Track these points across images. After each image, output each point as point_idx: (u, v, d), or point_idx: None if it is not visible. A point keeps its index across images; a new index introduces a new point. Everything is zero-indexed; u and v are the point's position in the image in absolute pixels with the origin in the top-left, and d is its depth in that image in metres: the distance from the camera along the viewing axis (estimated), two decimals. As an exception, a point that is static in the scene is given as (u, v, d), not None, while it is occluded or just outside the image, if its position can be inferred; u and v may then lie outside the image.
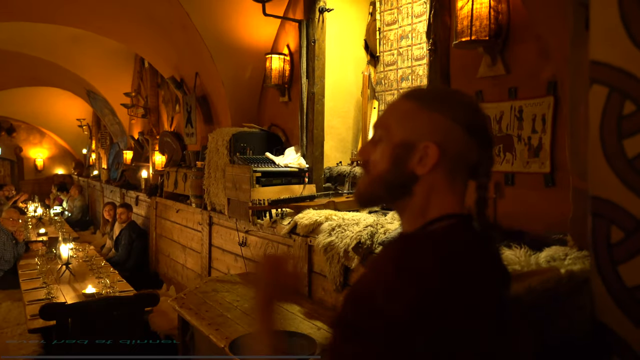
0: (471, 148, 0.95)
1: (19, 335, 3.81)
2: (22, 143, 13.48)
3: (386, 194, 1.00)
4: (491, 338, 0.88)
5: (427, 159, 0.94)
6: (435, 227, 0.94)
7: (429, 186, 0.96)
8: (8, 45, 6.76)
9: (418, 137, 0.95)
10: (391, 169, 0.97)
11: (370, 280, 0.91)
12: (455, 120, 0.94)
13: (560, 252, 1.79)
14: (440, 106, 0.96)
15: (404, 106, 1.00)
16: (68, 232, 7.00)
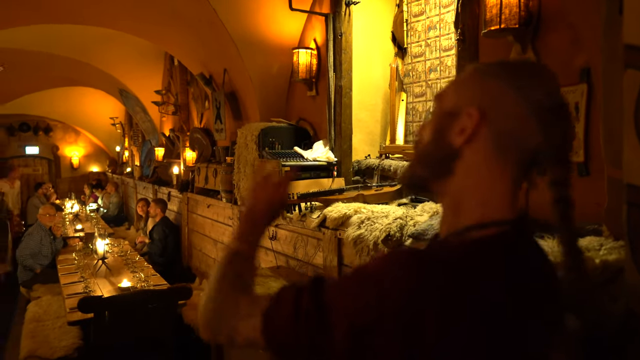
0: (530, 125, 0.77)
1: (59, 327, 3.94)
2: (58, 142, 13.88)
3: (426, 171, 0.85)
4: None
5: (467, 127, 0.78)
6: (472, 236, 0.77)
7: (472, 165, 0.79)
8: (43, 47, 6.96)
9: (465, 103, 0.80)
10: (432, 139, 0.84)
11: (376, 269, 0.75)
12: (515, 90, 0.78)
13: (595, 243, 1.75)
14: (499, 72, 0.81)
15: (464, 73, 0.86)
16: (104, 228, 7.19)
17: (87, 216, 8.88)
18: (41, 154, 13.74)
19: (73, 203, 9.66)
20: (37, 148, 13.62)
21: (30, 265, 5.42)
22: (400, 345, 0.68)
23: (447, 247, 0.78)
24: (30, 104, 11.57)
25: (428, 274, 0.70)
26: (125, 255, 5.17)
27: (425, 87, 3.53)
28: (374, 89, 3.85)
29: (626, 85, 1.02)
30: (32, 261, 5.43)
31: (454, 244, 0.77)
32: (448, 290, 0.68)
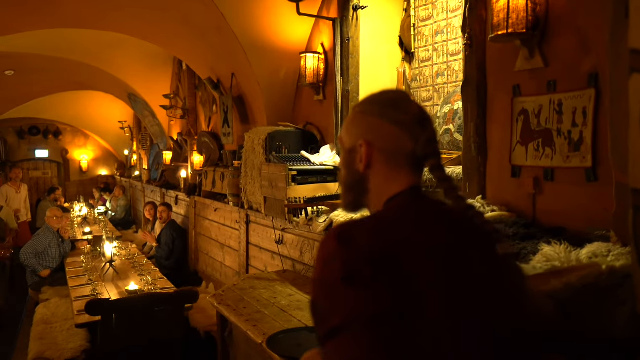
0: (403, 139, 1.05)
1: (66, 330, 3.96)
2: (67, 145, 13.98)
3: (352, 197, 1.14)
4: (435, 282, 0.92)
5: (363, 156, 1.07)
6: (384, 207, 1.05)
7: (377, 180, 1.08)
8: (53, 51, 7.01)
9: (355, 140, 1.09)
10: (346, 173, 1.13)
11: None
12: (383, 118, 1.06)
13: (603, 249, 1.74)
14: (372, 109, 1.09)
15: (349, 117, 1.15)
16: (111, 231, 7.23)
17: (95, 219, 8.93)
18: (51, 157, 13.85)
19: (81, 206, 9.73)
20: (47, 151, 13.73)
21: (32, 265, 5.42)
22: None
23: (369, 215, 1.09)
24: (41, 108, 11.67)
25: (348, 239, 0.93)
26: (133, 258, 5.19)
27: (433, 91, 3.53)
28: (381, 94, 3.85)
29: (632, 90, 1.01)
30: (34, 261, 5.44)
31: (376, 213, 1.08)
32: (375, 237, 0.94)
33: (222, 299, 3.14)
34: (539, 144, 2.35)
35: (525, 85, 2.44)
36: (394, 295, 0.87)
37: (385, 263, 0.89)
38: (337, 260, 0.90)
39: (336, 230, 0.96)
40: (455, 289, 0.93)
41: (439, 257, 0.94)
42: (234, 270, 5.08)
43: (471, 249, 1.01)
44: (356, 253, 0.90)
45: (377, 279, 0.87)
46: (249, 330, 2.60)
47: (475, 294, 0.95)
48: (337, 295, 0.89)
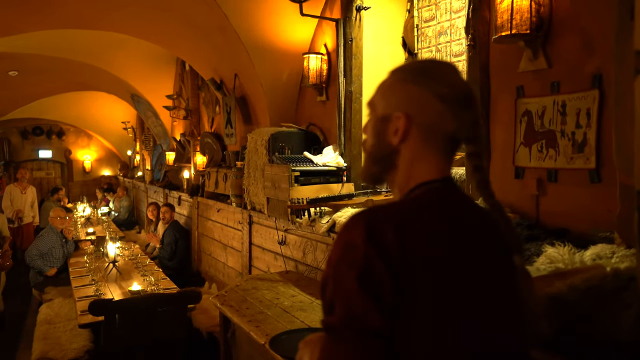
0: (445, 116, 0.97)
1: (70, 330, 3.97)
2: (71, 146, 14.02)
3: (377, 169, 1.05)
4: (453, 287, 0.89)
5: (399, 129, 0.98)
6: (410, 195, 0.98)
7: (409, 157, 0.99)
8: (57, 52, 7.04)
9: (393, 109, 0.99)
10: (375, 143, 1.03)
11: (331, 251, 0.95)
12: (428, 90, 0.97)
13: (607, 250, 1.73)
14: (415, 77, 0.99)
15: (386, 82, 1.05)
16: (115, 232, 7.24)
17: (98, 219, 8.95)
18: (54, 157, 13.89)
19: (85, 206, 9.75)
20: (50, 152, 13.77)
21: (38, 267, 5.43)
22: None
23: (397, 203, 1.00)
24: (44, 108, 11.71)
25: (376, 227, 0.88)
26: (136, 258, 5.20)
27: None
28: (384, 95, 3.85)
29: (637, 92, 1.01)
30: (40, 262, 5.45)
31: (402, 200, 1.01)
32: (400, 227, 0.88)
33: (224, 300, 3.15)
34: (542, 145, 2.35)
35: (529, 86, 2.43)
36: (400, 310, 0.85)
37: (405, 273, 0.85)
38: (359, 253, 0.85)
39: (366, 217, 0.89)
40: (464, 307, 0.89)
41: (456, 274, 0.90)
42: (237, 270, 5.08)
43: (490, 263, 0.96)
44: (380, 253, 0.85)
45: (390, 294, 0.84)
46: (252, 331, 2.60)
47: (486, 314, 0.92)
48: (348, 290, 0.85)
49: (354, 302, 0.84)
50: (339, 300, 0.86)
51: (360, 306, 0.83)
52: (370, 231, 0.86)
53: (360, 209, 0.99)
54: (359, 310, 0.83)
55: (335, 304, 0.87)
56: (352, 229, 0.89)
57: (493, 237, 1.00)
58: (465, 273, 0.91)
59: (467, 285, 0.90)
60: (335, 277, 0.89)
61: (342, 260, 0.88)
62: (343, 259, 0.88)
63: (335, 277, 0.88)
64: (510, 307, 0.97)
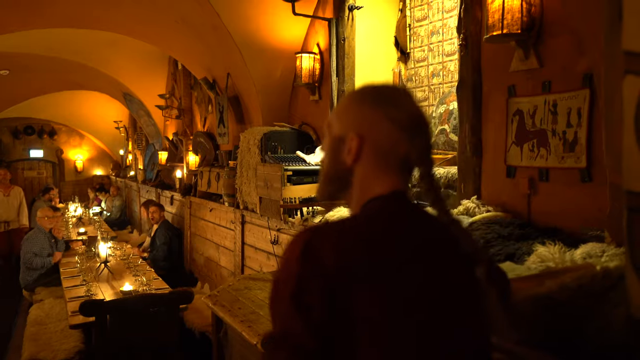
0: (398, 140, 0.98)
1: (60, 330, 3.94)
2: (62, 145, 13.93)
3: (332, 188, 1.06)
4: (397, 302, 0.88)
5: (352, 149, 0.99)
6: (361, 210, 0.99)
7: (362, 176, 1.00)
8: (48, 51, 7.00)
9: (348, 130, 1.00)
10: (329, 162, 1.05)
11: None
12: (381, 113, 0.98)
13: (597, 249, 1.74)
14: (371, 100, 1.01)
15: (343, 103, 1.07)
16: (106, 232, 7.20)
17: (90, 219, 8.90)
18: (45, 157, 13.80)
19: (76, 206, 9.69)
20: (42, 151, 13.68)
21: (39, 264, 5.35)
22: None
23: (341, 219, 1.01)
24: (36, 108, 11.63)
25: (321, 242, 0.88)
26: (128, 258, 5.17)
27: (428, 91, 3.53)
28: (376, 94, 3.85)
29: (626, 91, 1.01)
30: (39, 259, 5.40)
31: (348, 216, 1.02)
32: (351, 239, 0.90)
33: (217, 300, 3.13)
34: (533, 144, 2.36)
35: (521, 86, 2.44)
36: (333, 333, 0.84)
37: (343, 291, 0.84)
38: (293, 272, 0.87)
39: (305, 236, 0.89)
40: (409, 324, 0.88)
41: (401, 291, 0.88)
42: (229, 270, 5.07)
43: (445, 276, 0.95)
44: (314, 272, 0.85)
45: (322, 313, 0.83)
46: (244, 331, 2.59)
47: (436, 326, 0.90)
48: (282, 308, 0.87)
49: (287, 321, 0.86)
50: (276, 317, 0.90)
51: (293, 325, 0.85)
52: (306, 250, 0.87)
53: (308, 225, 1.02)
54: (292, 329, 0.85)
55: (275, 319, 0.90)
56: (293, 247, 0.90)
57: (446, 248, 0.98)
58: (410, 284, 0.89)
59: (410, 298, 0.89)
60: (273, 295, 0.91)
61: (280, 278, 0.90)
62: (280, 277, 0.90)
63: (273, 294, 0.91)
64: (466, 318, 0.95)
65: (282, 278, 0.90)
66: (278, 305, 0.89)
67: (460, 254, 0.99)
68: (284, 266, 0.90)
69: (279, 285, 0.90)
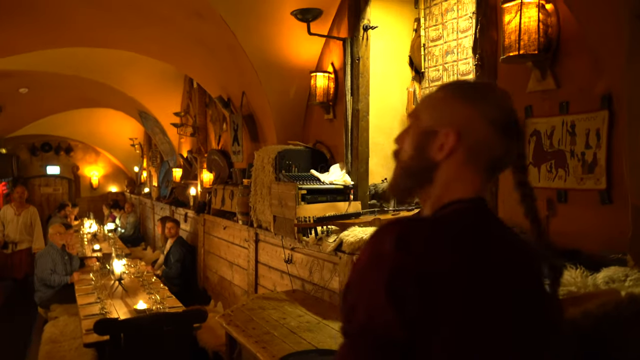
0: (495, 141, 0.95)
1: (75, 349, 3.94)
2: (78, 162, 14.09)
3: (410, 182, 1.01)
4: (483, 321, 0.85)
5: (446, 145, 0.95)
6: (443, 212, 0.94)
7: (448, 174, 0.96)
8: (67, 69, 7.12)
9: (441, 124, 0.96)
10: (414, 154, 0.99)
11: (356, 263, 0.92)
12: (481, 111, 0.95)
13: (620, 273, 1.70)
14: (469, 97, 0.97)
15: (435, 95, 1.02)
16: (121, 249, 7.23)
17: (104, 236, 8.95)
18: (62, 173, 13.95)
19: (91, 223, 9.75)
20: (58, 168, 13.84)
21: (57, 281, 5.36)
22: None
23: (430, 217, 0.97)
24: (53, 125, 11.80)
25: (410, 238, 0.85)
26: (142, 276, 5.18)
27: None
28: (391, 113, 3.85)
29: (651, 116, 1.00)
30: (57, 277, 5.42)
31: (435, 215, 0.97)
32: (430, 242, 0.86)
33: (230, 319, 3.12)
34: (551, 165, 2.33)
35: (538, 106, 2.42)
36: (421, 329, 0.82)
37: (430, 288, 0.82)
38: (388, 262, 0.83)
39: (396, 229, 0.86)
40: (487, 333, 0.85)
41: (488, 300, 0.86)
42: (243, 289, 5.05)
43: (522, 293, 0.92)
44: (409, 264, 0.82)
45: (414, 305, 0.81)
46: (258, 352, 2.57)
47: (510, 340, 0.88)
48: (373, 297, 0.83)
49: (378, 311, 0.82)
50: (362, 307, 0.85)
51: (383, 315, 0.81)
52: (401, 241, 0.84)
53: (394, 218, 0.99)
54: (381, 319, 0.82)
55: (358, 309, 0.85)
56: (383, 237, 0.87)
57: (524, 264, 0.95)
58: (487, 298, 0.87)
59: (487, 311, 0.86)
60: (361, 283, 0.87)
61: (371, 267, 0.86)
62: (371, 266, 0.86)
63: (362, 283, 0.87)
64: (538, 336, 0.92)
65: (372, 267, 0.85)
66: (365, 296, 0.85)
67: (538, 274, 0.97)
68: (375, 255, 0.86)
69: (366, 274, 0.86)
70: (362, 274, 0.87)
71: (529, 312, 0.91)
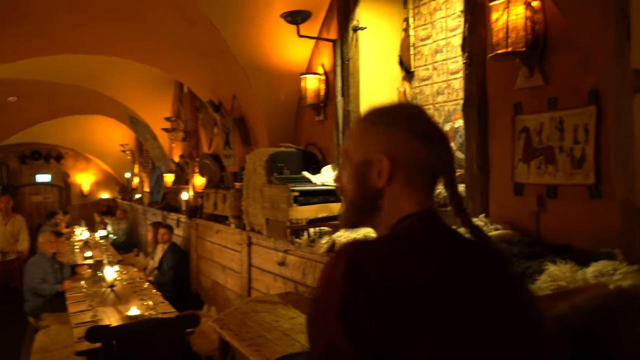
0: (422, 152, 0.99)
1: (66, 357, 3.90)
2: (69, 169, 14.00)
3: (359, 215, 1.05)
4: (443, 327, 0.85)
5: (383, 171, 0.98)
6: (396, 229, 0.98)
7: (392, 197, 0.99)
8: (55, 77, 7.08)
9: (372, 153, 0.99)
10: (357, 189, 1.02)
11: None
12: (402, 129, 0.99)
13: (609, 267, 1.71)
14: (386, 120, 1.01)
15: (357, 128, 1.06)
16: (113, 255, 7.18)
17: (96, 243, 8.88)
18: (52, 181, 13.86)
19: (82, 230, 9.68)
20: (49, 176, 13.75)
21: (47, 291, 5.30)
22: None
23: (382, 236, 1.01)
24: (42, 133, 11.73)
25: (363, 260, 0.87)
26: (134, 282, 5.14)
27: (433, 110, 3.53)
28: (381, 113, 3.85)
29: (637, 109, 1.00)
30: (47, 286, 5.37)
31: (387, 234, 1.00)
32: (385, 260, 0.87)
33: (224, 323, 3.10)
34: (541, 161, 2.34)
35: (526, 103, 2.43)
36: (395, 345, 0.82)
37: (389, 307, 0.82)
38: (339, 288, 0.84)
39: (348, 254, 0.88)
40: (458, 339, 0.85)
41: (449, 306, 0.86)
42: (236, 292, 5.03)
43: (490, 291, 0.93)
44: (360, 288, 0.83)
45: (369, 329, 0.81)
46: (252, 356, 2.56)
47: (484, 345, 0.87)
48: (328, 325, 0.84)
49: (334, 338, 0.82)
50: (321, 335, 0.86)
51: (339, 342, 0.82)
52: (351, 266, 0.85)
53: (349, 240, 0.98)
54: (338, 346, 0.82)
55: (316, 337, 0.87)
56: (334, 264, 0.88)
57: (486, 266, 0.97)
58: (456, 299, 0.88)
59: (460, 310, 0.87)
60: (317, 313, 0.88)
61: (324, 295, 0.88)
62: (325, 294, 0.87)
63: (317, 312, 0.88)
64: (514, 335, 0.92)
65: (325, 294, 0.87)
66: (321, 323, 0.87)
67: (496, 271, 0.98)
68: (327, 282, 0.88)
69: (321, 302, 0.88)
70: (318, 302, 0.89)
71: (501, 309, 0.92)
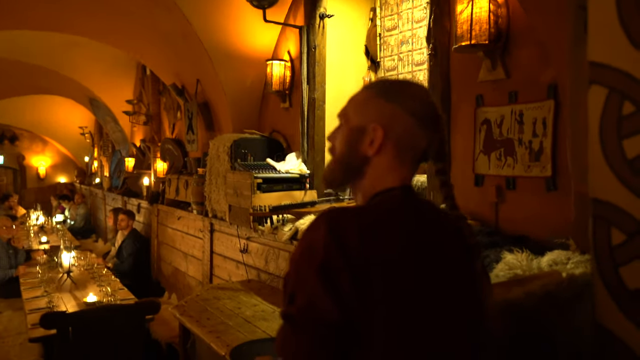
0: (418, 133, 1.03)
1: (19, 344, 3.79)
2: (24, 151, 13.52)
3: (343, 176, 1.09)
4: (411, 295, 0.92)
5: (375, 141, 1.02)
6: (374, 200, 1.02)
7: (378, 167, 1.03)
8: (10, 53, 6.80)
9: (369, 122, 1.04)
10: (346, 151, 1.07)
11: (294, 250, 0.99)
12: (403, 106, 1.02)
13: (563, 256, 1.77)
14: (391, 95, 1.04)
15: (360, 95, 1.10)
16: (70, 241, 6.98)
17: (53, 228, 8.61)
18: (6, 163, 13.37)
19: (38, 215, 9.37)
20: (2, 157, 13.24)
21: (0, 276, 5.17)
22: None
23: (362, 207, 1.05)
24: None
25: (342, 227, 0.91)
26: (92, 268, 5.02)
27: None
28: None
29: (591, 102, 1.04)
30: (0, 271, 5.21)
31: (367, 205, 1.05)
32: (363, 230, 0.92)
33: (184, 310, 3.07)
34: (501, 153, 2.39)
35: (488, 96, 2.48)
36: (358, 310, 0.87)
37: (363, 271, 0.88)
38: (320, 247, 0.89)
39: (329, 217, 0.93)
40: (418, 308, 0.93)
41: (421, 275, 0.94)
42: (198, 280, 4.98)
43: (457, 265, 1.01)
44: (340, 249, 0.88)
45: (348, 287, 0.87)
46: (212, 342, 2.55)
47: (440, 314, 0.95)
48: (308, 281, 0.88)
49: (314, 293, 0.87)
50: (300, 292, 0.89)
51: (320, 297, 0.86)
52: (332, 228, 0.90)
53: (327, 208, 1.02)
54: (318, 301, 0.87)
55: (297, 295, 0.90)
56: (315, 227, 0.93)
57: (453, 242, 1.03)
58: (420, 274, 0.94)
59: (420, 285, 0.94)
60: (297, 271, 0.92)
61: (304, 255, 0.92)
62: (305, 254, 0.92)
63: (298, 271, 0.92)
64: (468, 309, 1.00)
65: (306, 254, 0.91)
66: (301, 281, 0.90)
67: (465, 247, 1.04)
68: (309, 243, 0.92)
69: (301, 262, 0.92)
70: (299, 263, 0.93)
71: (461, 285, 1.00)
